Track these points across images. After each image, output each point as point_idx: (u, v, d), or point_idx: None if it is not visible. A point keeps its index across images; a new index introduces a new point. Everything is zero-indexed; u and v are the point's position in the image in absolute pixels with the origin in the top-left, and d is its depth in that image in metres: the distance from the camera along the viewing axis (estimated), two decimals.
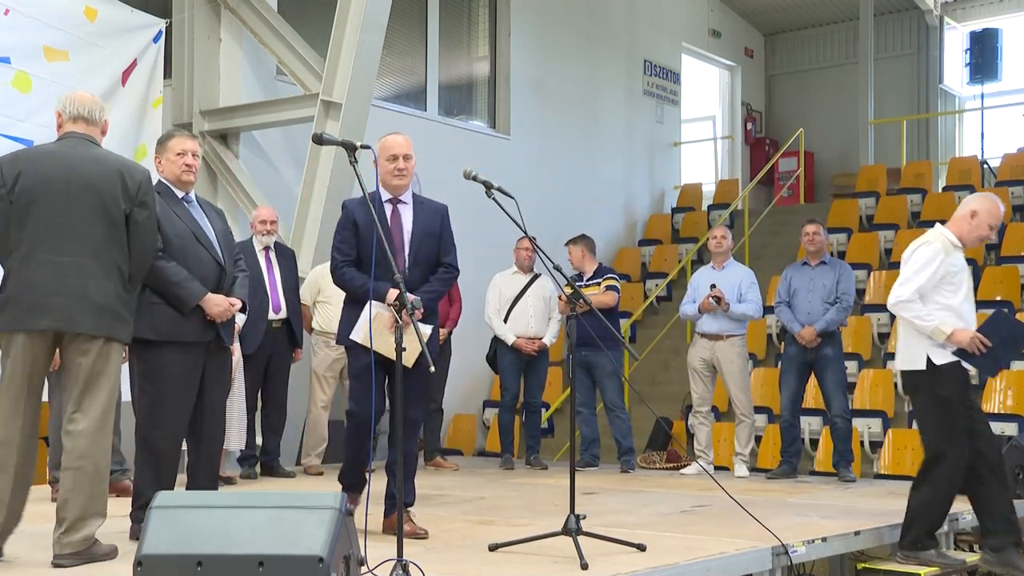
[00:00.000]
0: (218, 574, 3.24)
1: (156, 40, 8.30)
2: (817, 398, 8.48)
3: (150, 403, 4.81)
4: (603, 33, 13.74)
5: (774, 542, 4.85)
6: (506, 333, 8.52)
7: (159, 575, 3.28)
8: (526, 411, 8.77)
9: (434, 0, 11.66)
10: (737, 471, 8.18)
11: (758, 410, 9.01)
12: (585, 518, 4.63)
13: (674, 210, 14.60)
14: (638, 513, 6.02)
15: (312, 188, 8.52)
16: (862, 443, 9.23)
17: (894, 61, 16.21)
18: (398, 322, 4.13)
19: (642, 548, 4.60)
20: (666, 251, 13.65)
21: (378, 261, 4.71)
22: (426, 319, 4.96)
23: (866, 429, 9.32)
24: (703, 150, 16.53)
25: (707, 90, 16.75)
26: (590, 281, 8.53)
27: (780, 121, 17.02)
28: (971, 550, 6.45)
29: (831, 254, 8.74)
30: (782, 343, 9.57)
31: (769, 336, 11.27)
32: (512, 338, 8.49)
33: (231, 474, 7.21)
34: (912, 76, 16.19)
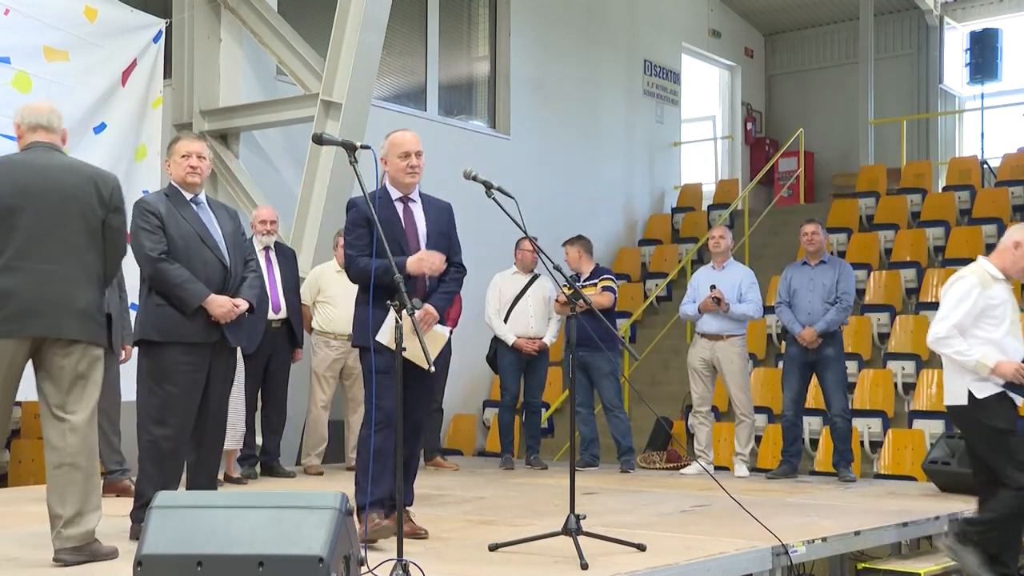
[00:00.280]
0: (218, 574, 3.24)
1: (156, 40, 8.30)
2: (818, 398, 8.48)
3: (156, 403, 4.83)
4: (603, 33, 13.74)
5: (774, 542, 4.85)
6: (506, 333, 8.51)
7: (159, 575, 3.28)
8: (526, 411, 8.77)
9: (434, 0, 11.67)
10: (737, 471, 8.17)
11: (758, 410, 9.01)
12: (585, 518, 4.62)
13: (674, 210, 14.61)
14: (638, 513, 6.02)
15: (312, 188, 8.52)
16: (862, 443, 9.22)
17: (894, 61, 16.20)
18: (414, 324, 4.08)
19: (642, 548, 4.59)
20: (666, 251, 13.65)
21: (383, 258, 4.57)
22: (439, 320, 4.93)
23: (866, 429, 9.31)
24: (703, 150, 16.53)
25: (707, 90, 16.75)
26: (587, 282, 8.52)
27: (780, 121, 17.02)
28: None
29: (831, 253, 8.74)
30: (783, 343, 9.57)
31: (769, 336, 11.27)
32: (512, 338, 8.49)
33: (238, 475, 7.20)
34: (912, 76, 16.18)
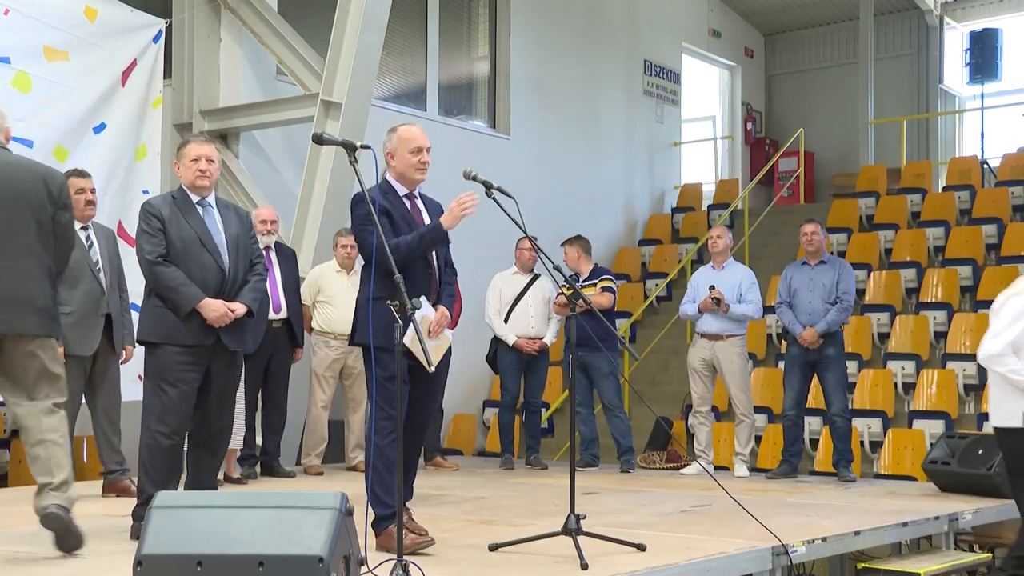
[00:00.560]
0: (218, 574, 3.24)
1: (156, 40, 8.30)
2: (818, 398, 8.48)
3: (156, 402, 4.88)
4: (603, 33, 13.73)
5: (774, 542, 4.85)
6: (507, 333, 8.51)
7: (159, 575, 3.28)
8: (526, 411, 8.76)
9: (434, 0, 11.66)
10: (737, 471, 8.17)
11: (758, 410, 9.01)
12: (585, 518, 4.62)
13: (674, 210, 14.60)
14: (638, 513, 6.02)
15: (312, 188, 8.52)
16: (862, 443, 9.22)
17: (894, 61, 16.20)
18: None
19: (642, 548, 4.59)
20: (666, 251, 13.65)
21: (383, 260, 4.36)
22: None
23: (866, 429, 9.31)
24: (703, 150, 16.52)
25: (707, 90, 16.74)
26: (586, 282, 8.52)
27: (780, 121, 17.01)
28: (971, 550, 6.46)
29: (831, 253, 8.74)
30: (783, 343, 9.57)
31: (769, 336, 11.27)
32: (513, 338, 8.49)
33: (238, 475, 7.20)
34: (912, 76, 16.18)
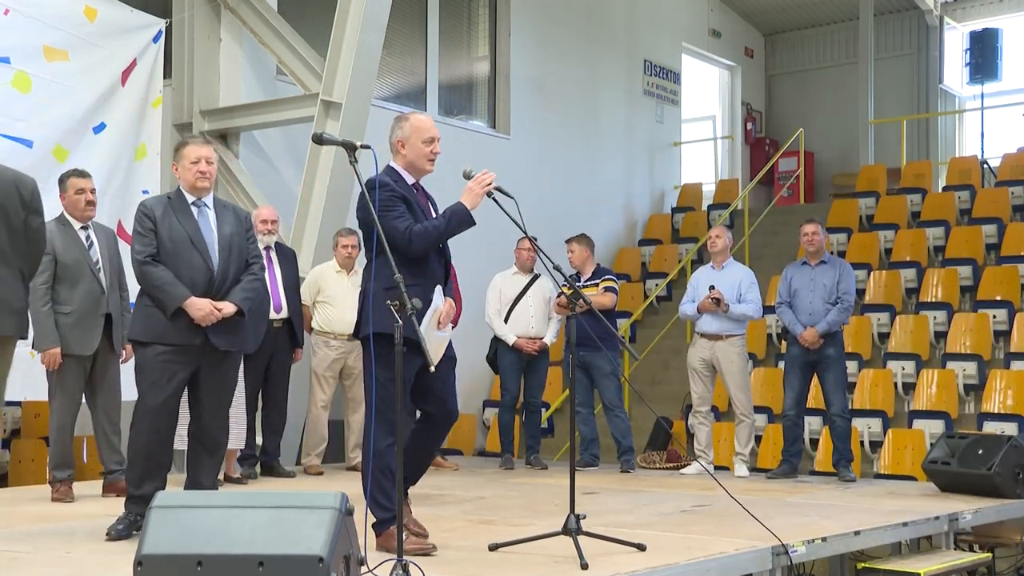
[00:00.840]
0: (218, 574, 3.24)
1: (156, 40, 8.30)
2: (818, 398, 8.48)
3: (138, 400, 4.91)
4: (603, 33, 13.73)
5: (774, 542, 4.84)
6: (507, 333, 8.51)
7: (159, 575, 3.28)
8: (526, 411, 8.76)
9: (434, 0, 11.66)
10: (737, 471, 8.17)
11: (758, 410, 9.01)
12: (585, 518, 4.62)
13: (674, 210, 14.61)
14: (638, 513, 6.01)
15: (312, 188, 8.52)
16: (862, 443, 9.22)
17: (894, 61, 16.20)
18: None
19: (642, 548, 4.59)
20: (666, 251, 13.65)
21: (385, 256, 4.22)
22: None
23: (866, 429, 9.31)
24: (703, 150, 16.53)
25: (707, 90, 16.75)
26: (588, 282, 8.52)
27: (780, 121, 17.01)
28: (971, 550, 6.46)
29: (831, 253, 8.73)
30: (783, 343, 9.57)
31: (769, 336, 11.27)
32: (513, 338, 8.49)
33: (238, 475, 7.19)
34: (912, 76, 16.18)
